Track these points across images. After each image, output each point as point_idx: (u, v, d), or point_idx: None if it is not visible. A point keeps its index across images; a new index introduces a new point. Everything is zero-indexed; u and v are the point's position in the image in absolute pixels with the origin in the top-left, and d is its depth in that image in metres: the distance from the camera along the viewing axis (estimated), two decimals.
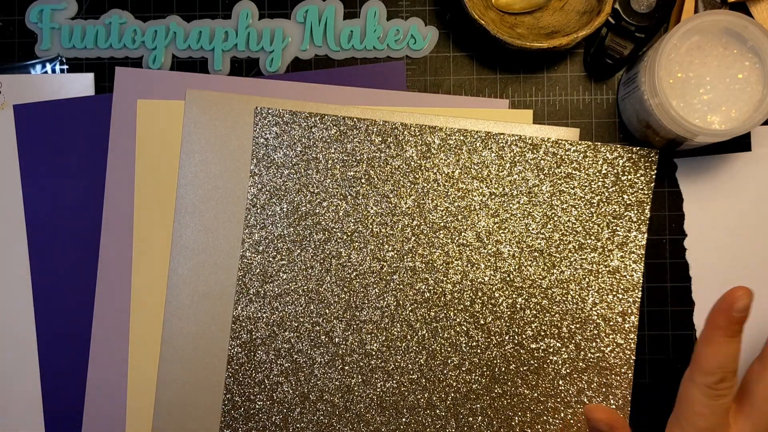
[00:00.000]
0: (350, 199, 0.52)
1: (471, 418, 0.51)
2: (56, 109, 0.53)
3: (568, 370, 0.51)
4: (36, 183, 0.53)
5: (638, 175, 0.51)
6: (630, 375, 0.51)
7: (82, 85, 0.54)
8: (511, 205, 0.51)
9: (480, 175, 0.51)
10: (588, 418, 0.46)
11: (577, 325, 0.51)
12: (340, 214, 0.52)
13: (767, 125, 0.52)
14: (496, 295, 0.51)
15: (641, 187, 0.51)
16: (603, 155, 0.51)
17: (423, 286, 0.51)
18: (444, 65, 0.54)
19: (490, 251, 0.51)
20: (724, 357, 0.42)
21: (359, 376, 0.52)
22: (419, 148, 0.51)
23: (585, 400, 0.51)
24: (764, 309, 0.51)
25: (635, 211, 0.51)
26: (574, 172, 0.51)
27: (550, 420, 0.51)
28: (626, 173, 0.51)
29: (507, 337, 0.51)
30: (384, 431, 0.51)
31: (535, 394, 0.51)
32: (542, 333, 0.51)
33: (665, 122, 0.46)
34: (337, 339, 0.52)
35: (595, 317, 0.51)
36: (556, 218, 0.51)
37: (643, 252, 0.51)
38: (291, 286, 0.52)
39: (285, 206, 0.52)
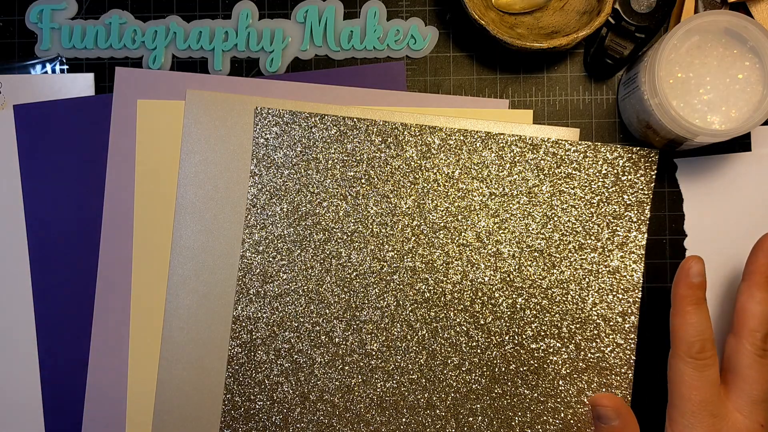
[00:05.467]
0: (350, 199, 0.52)
1: (471, 418, 0.51)
2: (56, 109, 0.53)
3: (568, 370, 0.51)
4: (36, 183, 0.53)
5: (638, 175, 0.51)
6: (630, 375, 0.51)
7: (82, 85, 0.54)
8: (511, 205, 0.51)
9: (480, 175, 0.51)
10: (595, 406, 0.47)
11: (577, 325, 0.51)
12: (340, 214, 0.52)
13: (767, 125, 0.52)
14: (496, 295, 0.51)
15: (641, 187, 0.51)
16: (603, 155, 0.51)
17: (423, 286, 0.51)
18: (444, 65, 0.54)
19: (490, 251, 0.51)
20: (699, 324, 0.45)
21: (359, 376, 0.52)
22: (419, 148, 0.52)
23: (585, 400, 0.51)
24: None
25: (635, 211, 0.51)
26: (574, 172, 0.51)
27: (550, 420, 0.51)
28: (626, 173, 0.51)
29: (507, 337, 0.51)
30: (384, 431, 0.52)
31: (535, 395, 0.51)
32: (542, 333, 0.51)
33: (665, 122, 0.46)
34: (337, 339, 0.52)
35: (595, 317, 0.51)
36: (556, 218, 0.51)
37: (643, 252, 0.51)
38: (291, 286, 0.52)
39: (285, 206, 0.52)
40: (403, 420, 0.51)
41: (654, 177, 0.51)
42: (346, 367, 0.52)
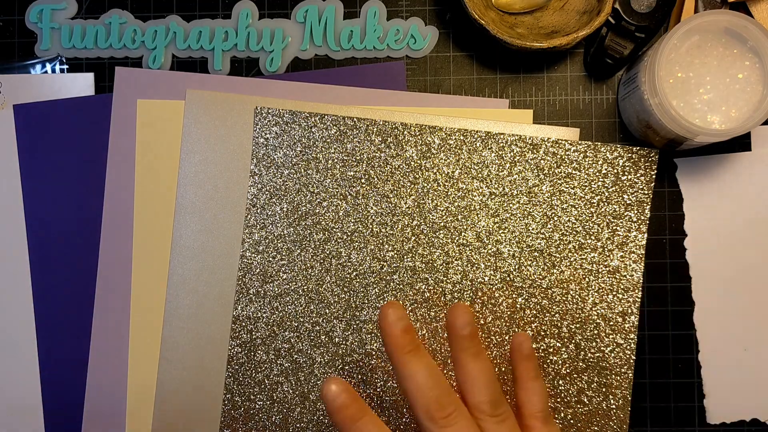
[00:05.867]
0: (350, 199, 0.52)
1: None
2: (56, 109, 0.53)
3: (567, 370, 0.51)
4: (36, 183, 0.53)
5: (638, 175, 0.51)
6: (630, 375, 0.51)
7: (82, 85, 0.54)
8: (511, 205, 0.51)
9: (480, 175, 0.51)
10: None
11: (577, 325, 0.51)
12: (340, 214, 0.52)
13: (767, 125, 0.52)
14: (496, 295, 0.51)
15: (641, 187, 0.51)
16: (603, 155, 0.51)
17: (423, 286, 0.51)
18: (444, 65, 0.54)
19: (490, 251, 0.51)
20: (427, 376, 0.40)
21: (359, 376, 0.52)
22: (419, 148, 0.51)
23: (585, 400, 0.51)
24: (765, 309, 0.51)
25: (635, 211, 0.51)
26: (574, 172, 0.51)
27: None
28: (626, 173, 0.51)
29: (507, 337, 0.51)
30: None
31: None
32: (542, 333, 0.51)
33: (665, 122, 0.46)
34: (337, 339, 0.52)
35: (595, 317, 0.51)
36: (556, 218, 0.51)
37: (643, 252, 0.51)
38: (291, 286, 0.52)
39: (285, 206, 0.52)
40: (403, 420, 0.51)
41: (654, 177, 0.51)
42: (346, 367, 0.52)
